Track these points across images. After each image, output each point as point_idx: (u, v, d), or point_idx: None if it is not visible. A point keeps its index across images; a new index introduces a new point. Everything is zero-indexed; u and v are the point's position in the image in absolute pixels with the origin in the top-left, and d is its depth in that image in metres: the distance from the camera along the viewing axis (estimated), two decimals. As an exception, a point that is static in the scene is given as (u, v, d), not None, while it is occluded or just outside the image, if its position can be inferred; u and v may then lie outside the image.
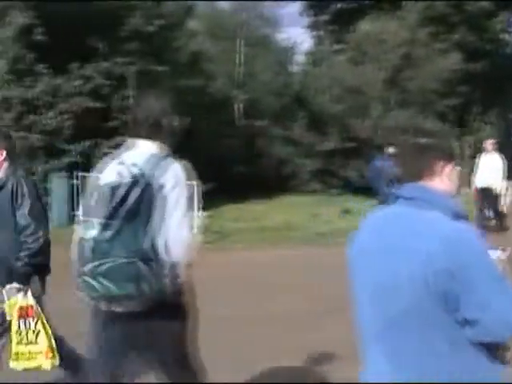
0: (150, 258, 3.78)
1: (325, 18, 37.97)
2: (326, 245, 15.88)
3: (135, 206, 3.80)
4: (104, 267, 3.77)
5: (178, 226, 3.88)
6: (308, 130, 25.91)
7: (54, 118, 17.65)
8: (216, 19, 29.27)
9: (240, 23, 28.20)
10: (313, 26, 38.40)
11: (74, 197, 17.06)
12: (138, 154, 4.02)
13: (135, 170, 3.88)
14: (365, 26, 27.85)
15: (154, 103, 4.23)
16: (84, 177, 17.10)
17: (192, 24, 25.45)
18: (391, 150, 14.59)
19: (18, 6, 17.68)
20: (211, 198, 18.65)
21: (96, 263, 3.80)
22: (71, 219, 17.30)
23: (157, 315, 3.89)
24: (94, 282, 3.81)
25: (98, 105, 18.17)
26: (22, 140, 17.36)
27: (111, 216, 3.81)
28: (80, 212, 4.22)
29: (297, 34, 62.06)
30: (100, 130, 18.48)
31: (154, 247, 3.80)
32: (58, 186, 17.23)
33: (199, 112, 21.96)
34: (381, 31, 27.07)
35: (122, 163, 3.97)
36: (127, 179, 3.86)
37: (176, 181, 3.91)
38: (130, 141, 4.15)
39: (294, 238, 16.58)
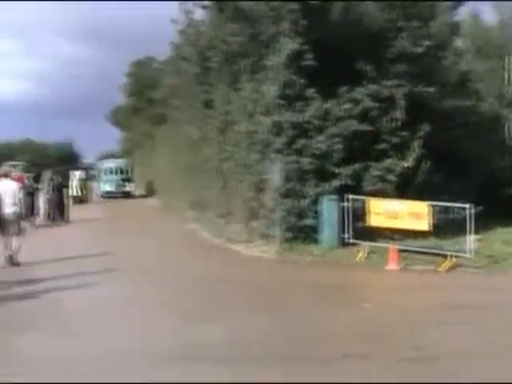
0: None
1: None
2: None
3: None
4: None
5: None
6: None
7: (324, 141, 17.92)
8: (483, 36, 28.55)
9: (507, 40, 27.29)
10: None
11: (344, 219, 17.16)
12: None
13: None
14: None
15: None
16: (354, 199, 17.19)
17: (459, 43, 24.94)
18: None
19: (287, 33, 18.17)
20: (482, 221, 18.06)
21: None
22: (341, 241, 17.43)
23: None
24: None
25: (366, 127, 18.21)
26: (294, 164, 17.77)
27: None
28: None
29: None
30: (369, 152, 18.53)
31: None
32: (328, 208, 17.43)
33: (468, 133, 21.40)
34: None
35: None
36: None
37: None
38: None
39: None
